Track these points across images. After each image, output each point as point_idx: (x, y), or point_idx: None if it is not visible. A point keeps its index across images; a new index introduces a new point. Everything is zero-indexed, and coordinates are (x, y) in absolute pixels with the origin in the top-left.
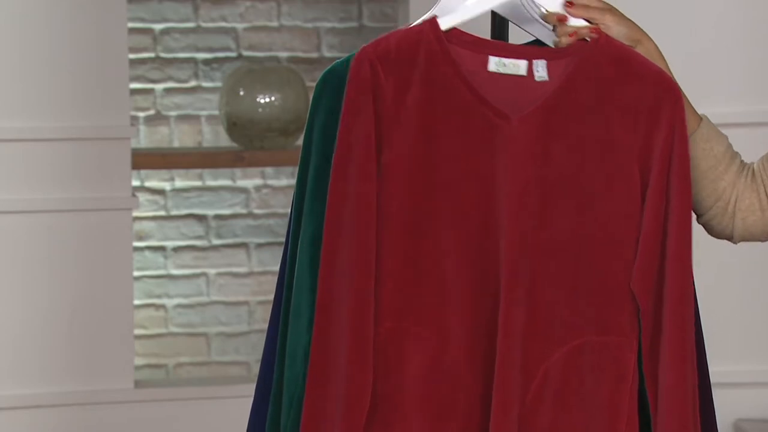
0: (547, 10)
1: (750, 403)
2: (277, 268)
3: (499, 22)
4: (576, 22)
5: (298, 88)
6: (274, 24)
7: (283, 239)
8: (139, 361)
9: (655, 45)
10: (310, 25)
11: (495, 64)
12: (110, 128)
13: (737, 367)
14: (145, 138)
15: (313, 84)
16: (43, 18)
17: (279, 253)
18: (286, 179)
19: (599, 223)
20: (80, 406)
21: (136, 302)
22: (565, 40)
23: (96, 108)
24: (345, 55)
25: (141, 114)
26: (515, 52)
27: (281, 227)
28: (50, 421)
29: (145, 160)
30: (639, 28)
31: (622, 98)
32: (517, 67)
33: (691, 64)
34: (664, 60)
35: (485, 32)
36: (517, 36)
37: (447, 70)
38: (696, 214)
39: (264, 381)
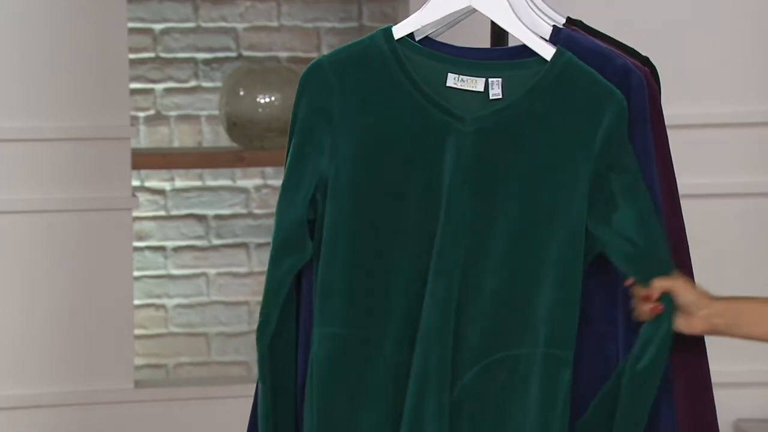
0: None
1: (750, 403)
2: None
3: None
4: None
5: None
6: (274, 24)
7: None
8: (139, 361)
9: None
10: (310, 25)
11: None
12: (110, 128)
13: (737, 367)
14: (145, 138)
15: None
16: (43, 18)
17: None
18: None
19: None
20: (80, 406)
21: (136, 302)
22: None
23: (96, 108)
24: None
25: (141, 114)
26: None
27: None
28: (50, 421)
29: (145, 160)
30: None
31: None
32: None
33: (691, 63)
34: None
35: (485, 32)
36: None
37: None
38: None
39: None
